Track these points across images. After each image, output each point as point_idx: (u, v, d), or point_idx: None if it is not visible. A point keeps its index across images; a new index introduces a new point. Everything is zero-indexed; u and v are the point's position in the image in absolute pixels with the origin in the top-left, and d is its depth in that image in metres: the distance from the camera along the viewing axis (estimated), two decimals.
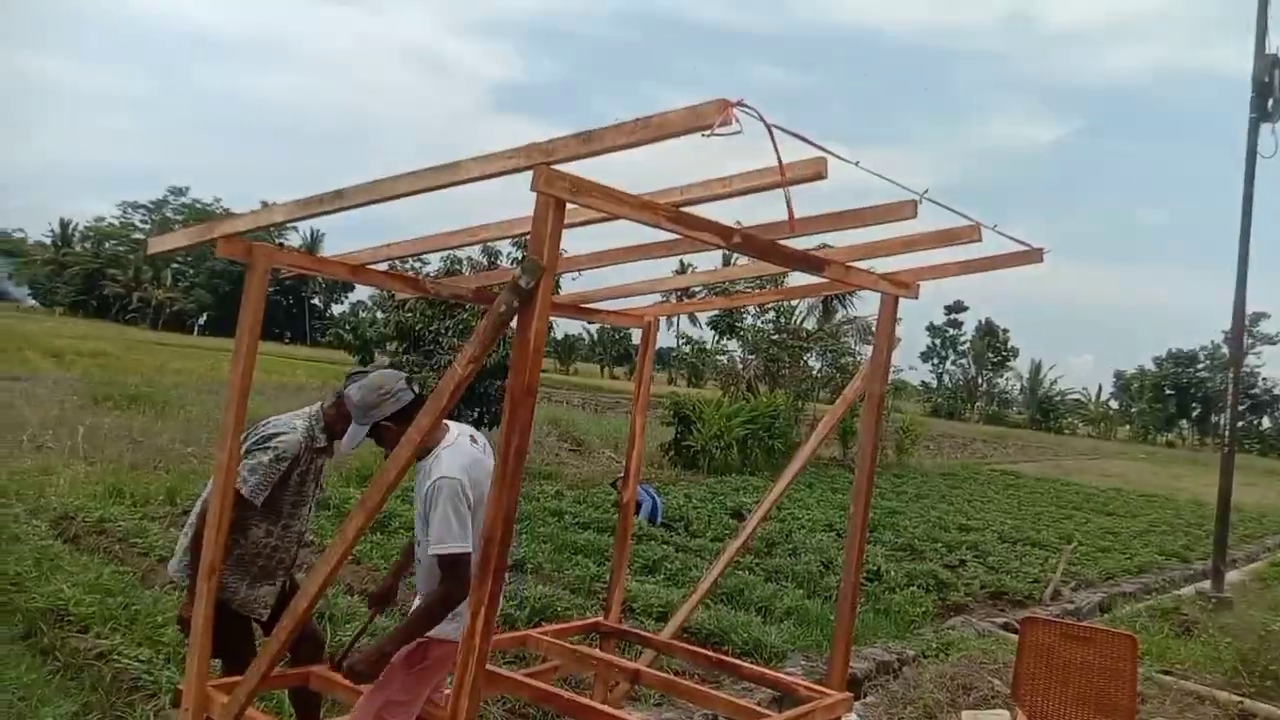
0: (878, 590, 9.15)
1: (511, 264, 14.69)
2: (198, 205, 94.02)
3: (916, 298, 4.40)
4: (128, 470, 10.99)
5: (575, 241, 3.94)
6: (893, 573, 9.86)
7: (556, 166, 2.68)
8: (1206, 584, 10.49)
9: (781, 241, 3.48)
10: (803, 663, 6.63)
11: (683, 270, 22.04)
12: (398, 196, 3.00)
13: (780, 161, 2.39)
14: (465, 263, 16.33)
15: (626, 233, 3.94)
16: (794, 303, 24.13)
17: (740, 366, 25.56)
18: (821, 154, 2.68)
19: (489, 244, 16.31)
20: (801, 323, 24.42)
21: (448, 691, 3.84)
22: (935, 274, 4.32)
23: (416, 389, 3.56)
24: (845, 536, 4.42)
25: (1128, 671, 3.94)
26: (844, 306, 24.55)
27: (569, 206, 2.83)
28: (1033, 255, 4.05)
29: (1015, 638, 7.58)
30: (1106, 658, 3.96)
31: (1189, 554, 14.50)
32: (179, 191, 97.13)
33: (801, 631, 7.48)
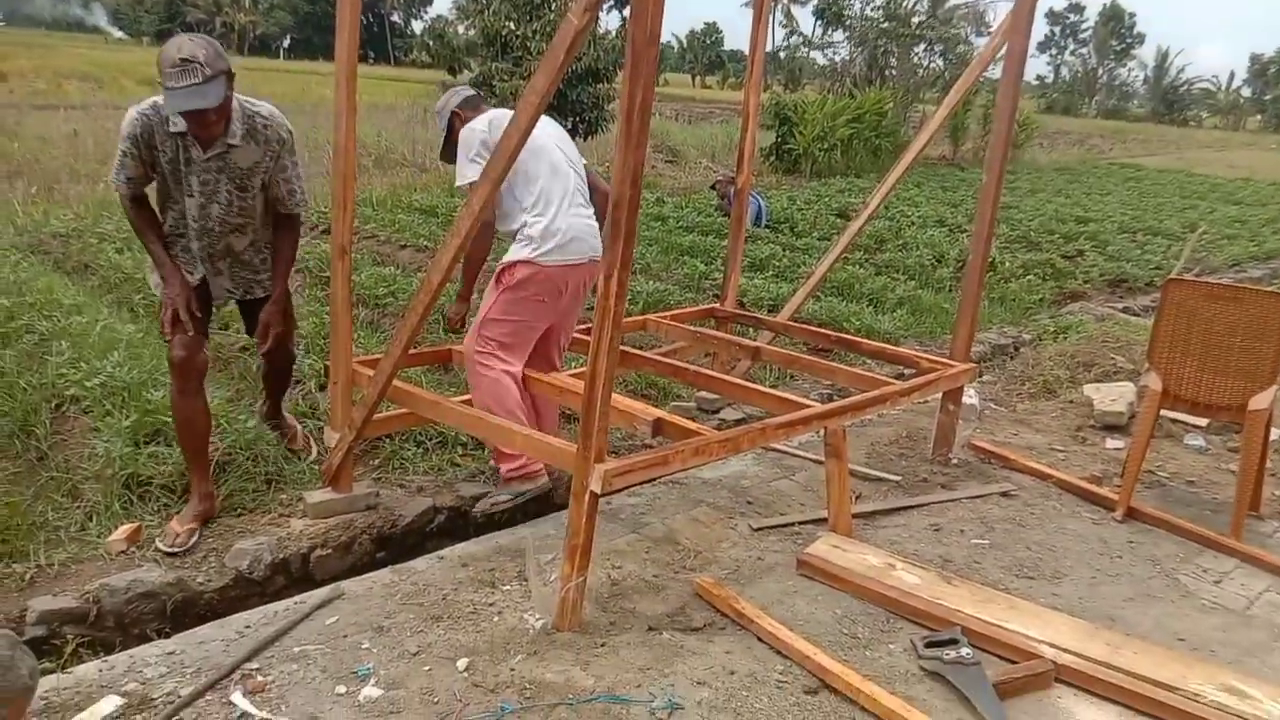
0: (992, 280, 8.97)
1: None
2: None
3: None
4: None
5: None
6: (1008, 263, 9.64)
7: None
8: None
9: None
10: (917, 347, 6.63)
11: None
12: None
13: None
14: None
15: None
16: None
17: (842, 65, 24.12)
18: None
19: None
20: (912, 8, 22.60)
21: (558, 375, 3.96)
22: None
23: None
24: (978, 201, 4.22)
25: (1275, 333, 3.77)
26: None
27: None
28: None
29: (1137, 320, 7.46)
30: (1253, 318, 3.78)
31: None
32: None
33: (914, 320, 7.45)
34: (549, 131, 3.78)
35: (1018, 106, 4.18)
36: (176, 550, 3.35)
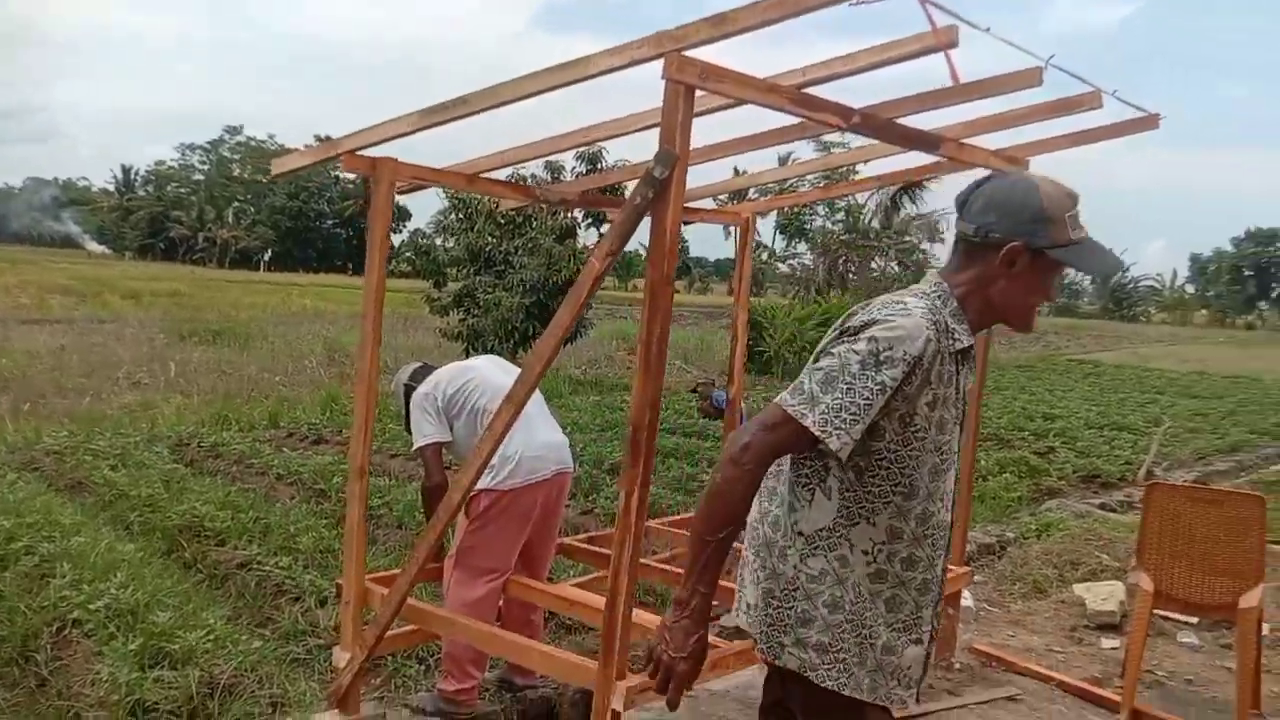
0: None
1: (579, 175, 14.60)
2: (253, 143, 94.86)
3: None
4: (223, 399, 11.42)
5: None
6: (983, 461, 9.88)
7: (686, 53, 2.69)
8: None
9: (898, 120, 3.46)
10: None
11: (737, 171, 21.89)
12: (524, 97, 3.03)
13: (932, 20, 2.38)
14: (529, 179, 16.28)
15: (729, 125, 3.94)
16: (862, 201, 23.73)
17: (809, 270, 25.35)
18: (952, 22, 2.66)
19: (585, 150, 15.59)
20: (870, 222, 24.04)
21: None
22: (1047, 148, 4.26)
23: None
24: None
25: (1256, 533, 3.95)
26: (912, 203, 24.09)
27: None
28: (1148, 121, 3.99)
29: (1115, 516, 7.63)
30: (1234, 519, 3.97)
31: None
32: (234, 130, 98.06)
33: None
34: (511, 375, 3.96)
35: (989, 341, 4.47)
36: None
